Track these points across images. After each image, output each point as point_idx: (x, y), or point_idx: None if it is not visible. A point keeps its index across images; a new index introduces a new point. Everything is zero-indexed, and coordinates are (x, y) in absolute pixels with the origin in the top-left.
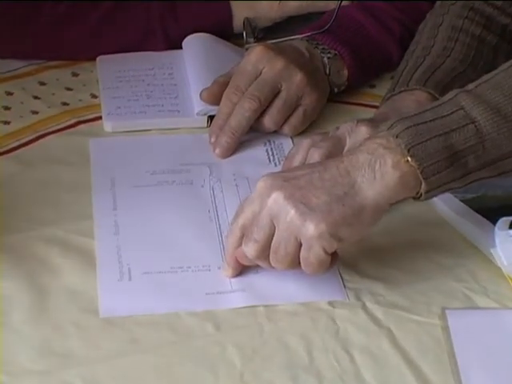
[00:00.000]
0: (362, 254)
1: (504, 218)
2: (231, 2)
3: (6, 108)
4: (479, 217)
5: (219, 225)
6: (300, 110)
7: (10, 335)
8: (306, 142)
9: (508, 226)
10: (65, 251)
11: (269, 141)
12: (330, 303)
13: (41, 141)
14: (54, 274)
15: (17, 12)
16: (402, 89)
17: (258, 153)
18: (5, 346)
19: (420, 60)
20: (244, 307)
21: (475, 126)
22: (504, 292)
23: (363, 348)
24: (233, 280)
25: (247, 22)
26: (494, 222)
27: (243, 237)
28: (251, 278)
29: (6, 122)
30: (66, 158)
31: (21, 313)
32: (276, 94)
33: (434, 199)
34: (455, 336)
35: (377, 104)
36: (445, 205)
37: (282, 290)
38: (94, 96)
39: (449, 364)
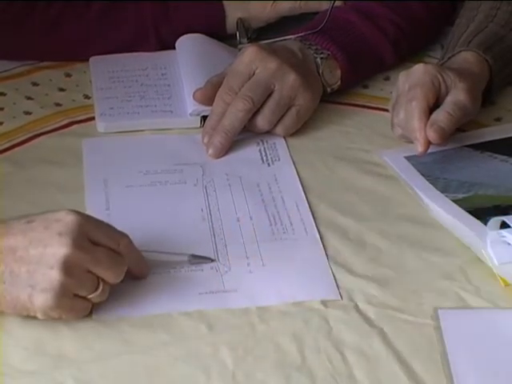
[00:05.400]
0: (355, 253)
1: (495, 218)
2: (224, 3)
3: None
4: (470, 217)
5: (212, 224)
6: (293, 111)
7: (3, 336)
8: None
9: (499, 226)
10: None
11: (262, 141)
12: (323, 303)
13: (34, 141)
14: None
15: (9, 13)
16: (449, 55)
17: (251, 153)
18: None
19: (464, 28)
20: (236, 307)
21: None
22: (496, 292)
23: (356, 348)
24: (225, 280)
25: (240, 23)
26: (485, 221)
27: None
28: (244, 278)
29: None
30: (59, 158)
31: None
32: (269, 94)
33: (426, 200)
34: (447, 336)
35: (370, 104)
36: (437, 205)
37: (274, 290)
38: (86, 97)
39: (441, 364)
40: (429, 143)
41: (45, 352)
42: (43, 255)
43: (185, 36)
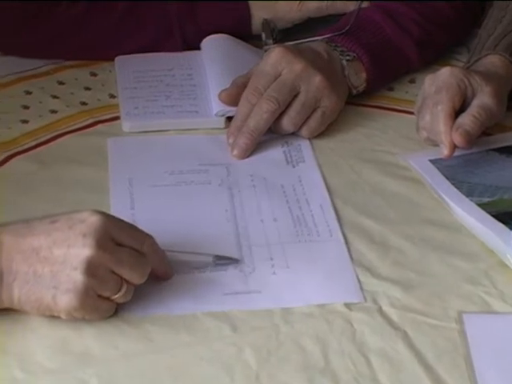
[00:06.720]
0: (379, 256)
1: None
2: (250, 3)
3: (25, 107)
4: (495, 221)
5: (236, 225)
6: (318, 112)
7: (28, 333)
8: None
9: None
10: None
11: (286, 142)
12: (347, 305)
13: (59, 140)
14: None
15: (36, 11)
16: (476, 58)
17: (275, 154)
18: (22, 344)
19: (491, 30)
20: (260, 309)
21: None
22: None
23: (379, 351)
24: (249, 281)
25: (266, 23)
26: (510, 226)
27: None
28: (268, 280)
29: (25, 121)
30: (84, 157)
31: None
32: (295, 95)
33: (451, 203)
34: (472, 340)
35: (395, 107)
36: (461, 209)
37: (298, 291)
38: (112, 96)
39: (465, 368)
40: (454, 147)
41: (69, 350)
42: (67, 256)
43: (210, 36)
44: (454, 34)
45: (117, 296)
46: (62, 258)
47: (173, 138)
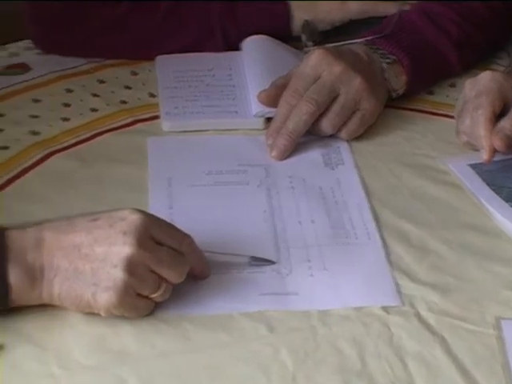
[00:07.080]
0: (418, 260)
1: None
2: (291, 3)
3: (66, 105)
4: None
5: (274, 226)
6: (358, 115)
7: (66, 330)
8: None
9: None
10: None
11: (325, 144)
12: (384, 309)
13: (99, 138)
14: None
15: (78, 11)
16: None
17: (314, 156)
18: (60, 340)
19: None
20: (297, 310)
21: None
22: None
23: (416, 355)
24: (287, 282)
25: (306, 25)
26: None
27: None
28: (305, 282)
29: (66, 119)
30: (124, 156)
31: None
32: (334, 97)
33: (491, 209)
34: (510, 347)
35: (435, 111)
36: (501, 214)
37: (335, 294)
38: (152, 95)
39: (503, 375)
40: (494, 151)
41: (106, 348)
42: (108, 253)
43: (251, 37)
44: (490, 34)
45: (155, 295)
46: (102, 255)
47: (212, 138)
